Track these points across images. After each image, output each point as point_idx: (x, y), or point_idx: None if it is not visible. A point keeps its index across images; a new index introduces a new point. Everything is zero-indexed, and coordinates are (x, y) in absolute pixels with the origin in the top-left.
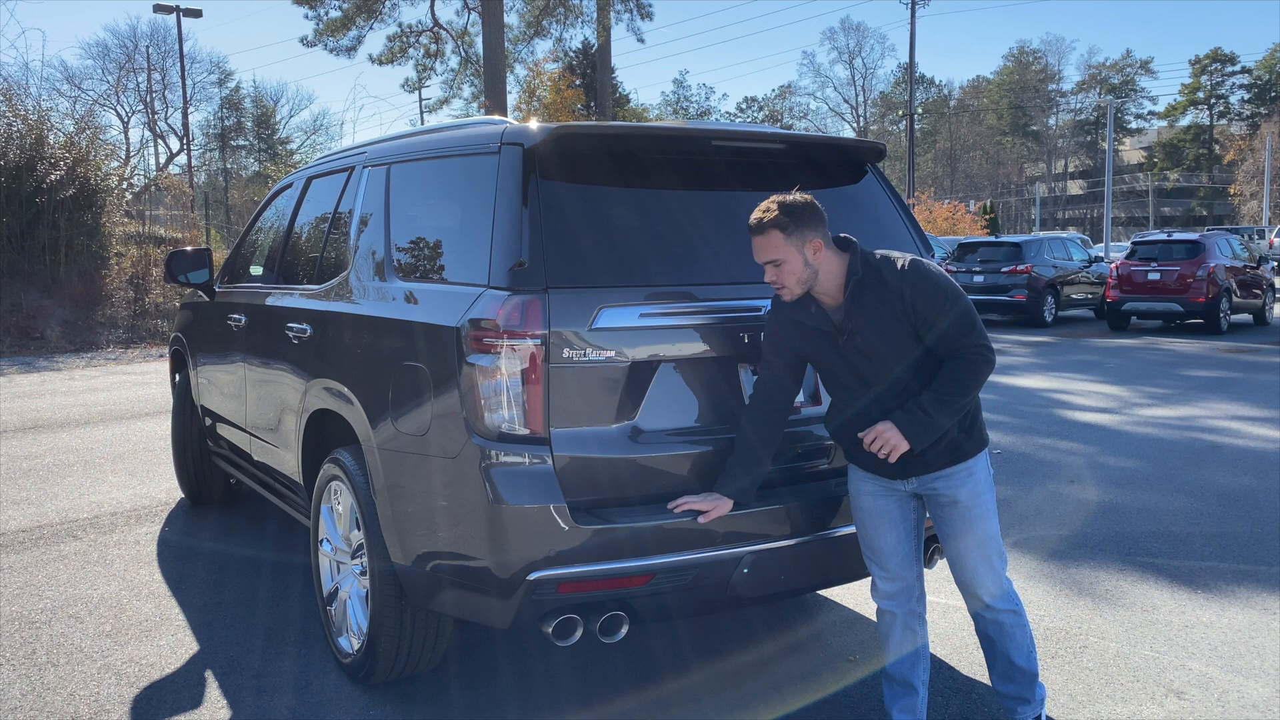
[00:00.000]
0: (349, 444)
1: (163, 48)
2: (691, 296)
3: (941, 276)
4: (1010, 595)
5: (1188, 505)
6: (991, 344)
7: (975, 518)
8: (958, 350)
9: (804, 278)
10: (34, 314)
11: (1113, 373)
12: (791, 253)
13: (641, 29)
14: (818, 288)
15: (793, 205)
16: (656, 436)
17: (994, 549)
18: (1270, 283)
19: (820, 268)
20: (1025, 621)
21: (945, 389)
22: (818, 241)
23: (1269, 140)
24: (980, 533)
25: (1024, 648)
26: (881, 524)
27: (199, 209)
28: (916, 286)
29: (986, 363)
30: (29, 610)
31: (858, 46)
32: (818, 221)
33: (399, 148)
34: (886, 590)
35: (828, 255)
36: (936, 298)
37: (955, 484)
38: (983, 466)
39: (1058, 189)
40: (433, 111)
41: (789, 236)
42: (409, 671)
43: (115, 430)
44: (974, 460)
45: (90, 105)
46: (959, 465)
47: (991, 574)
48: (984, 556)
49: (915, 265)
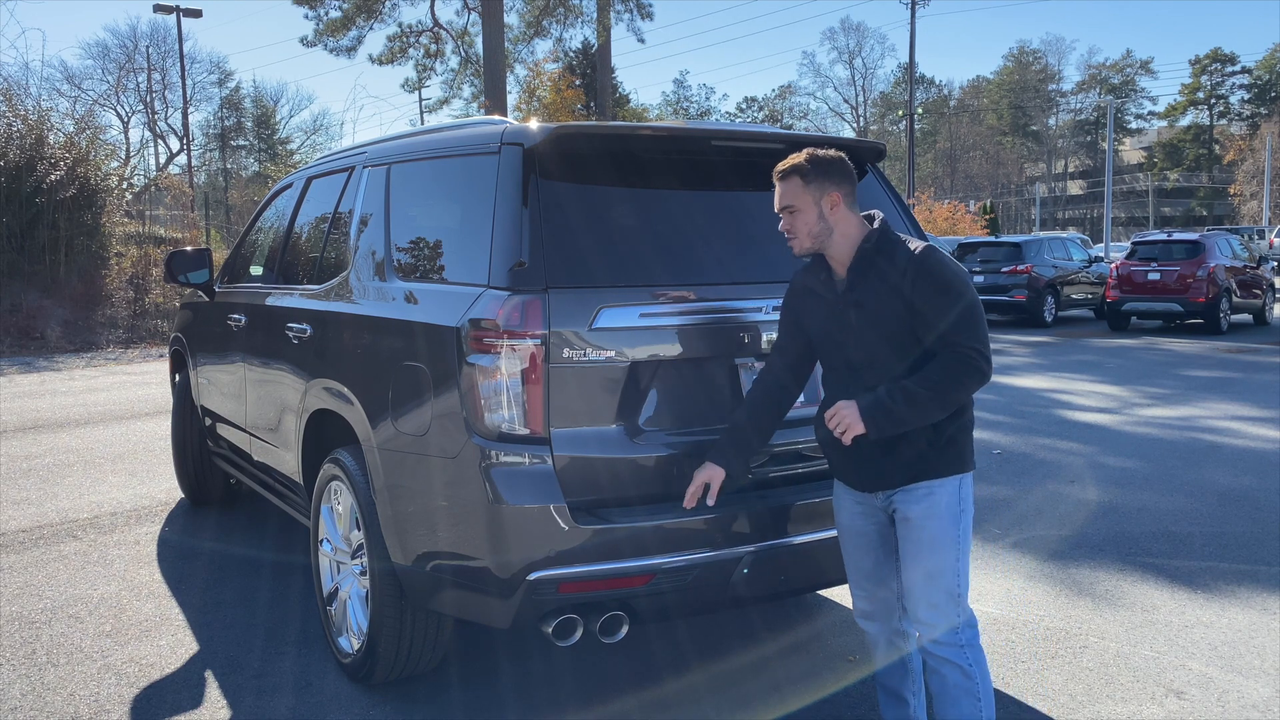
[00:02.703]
0: (349, 444)
1: (163, 48)
2: (691, 296)
3: (951, 270)
4: (959, 646)
5: (1188, 505)
6: (990, 355)
7: (924, 542)
8: (949, 346)
9: (815, 231)
10: (34, 314)
11: (1113, 373)
12: (807, 202)
13: (641, 29)
14: (831, 251)
15: (819, 155)
16: (656, 436)
17: (942, 587)
18: (1270, 283)
19: (836, 227)
20: (976, 689)
21: (919, 382)
22: (836, 196)
23: (1269, 140)
24: (929, 563)
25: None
26: (859, 544)
27: (199, 209)
28: (921, 272)
29: (975, 370)
30: (29, 610)
31: (858, 46)
32: (841, 178)
33: (399, 148)
34: (863, 609)
35: (846, 216)
36: (939, 288)
37: (909, 500)
38: (948, 492)
39: (1058, 189)
40: (433, 111)
41: (808, 185)
42: (409, 671)
43: (115, 430)
44: (938, 482)
45: (90, 105)
46: (918, 483)
47: (932, 610)
48: (927, 591)
49: (927, 252)
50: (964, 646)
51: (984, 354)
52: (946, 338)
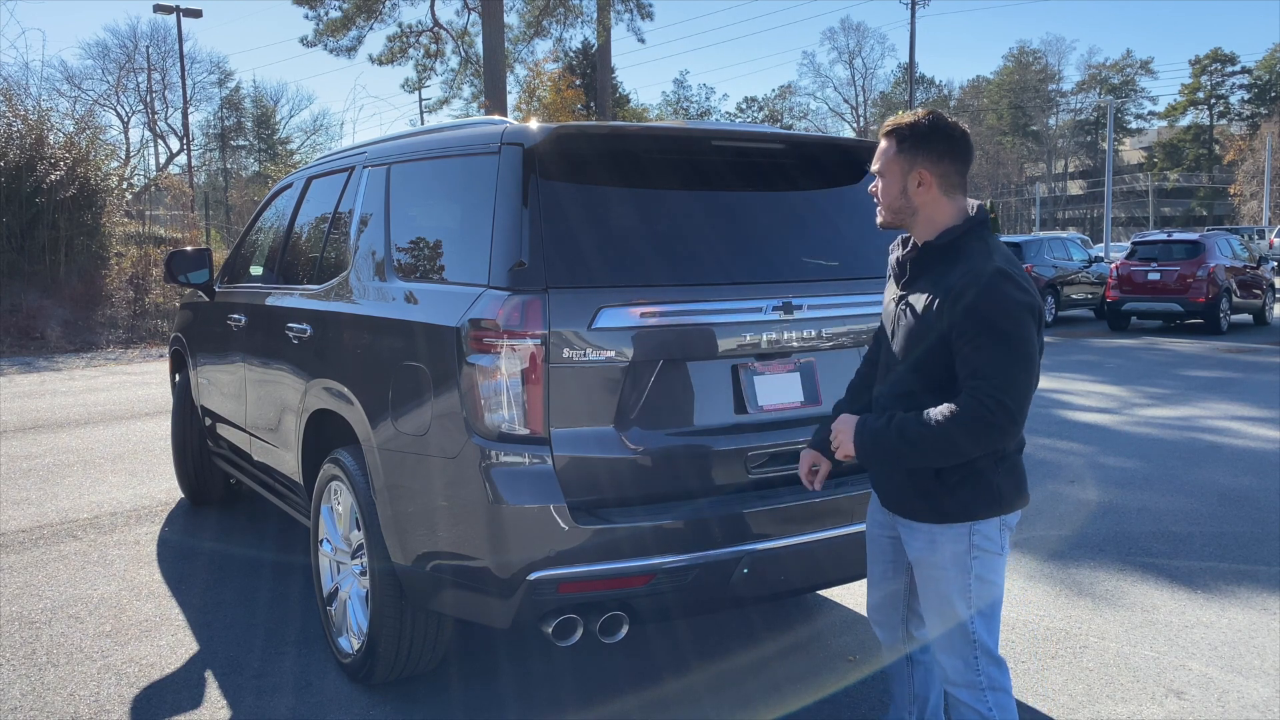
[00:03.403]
0: (349, 444)
1: (163, 48)
2: (691, 297)
3: (1005, 306)
4: (979, 690)
5: (1188, 505)
6: (1016, 414)
7: (931, 591)
8: (970, 389)
9: (895, 205)
10: (34, 314)
11: (1113, 373)
12: (894, 170)
13: (641, 29)
14: (914, 232)
15: (922, 127)
16: (657, 436)
17: (956, 633)
18: (1270, 283)
19: (920, 209)
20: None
21: (923, 421)
22: (925, 174)
23: (1269, 140)
24: (939, 611)
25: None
26: (873, 550)
27: (199, 209)
28: (968, 297)
29: (989, 424)
30: (29, 610)
31: (858, 46)
32: (939, 156)
33: (399, 148)
34: (872, 612)
35: (935, 199)
36: (980, 322)
37: (912, 542)
38: (952, 541)
39: (1058, 189)
40: (433, 111)
41: (900, 153)
42: (409, 671)
43: (115, 430)
44: (940, 528)
45: (90, 105)
46: (919, 524)
47: (949, 654)
48: (942, 631)
49: (980, 280)
50: (985, 690)
51: (1007, 408)
52: (971, 379)
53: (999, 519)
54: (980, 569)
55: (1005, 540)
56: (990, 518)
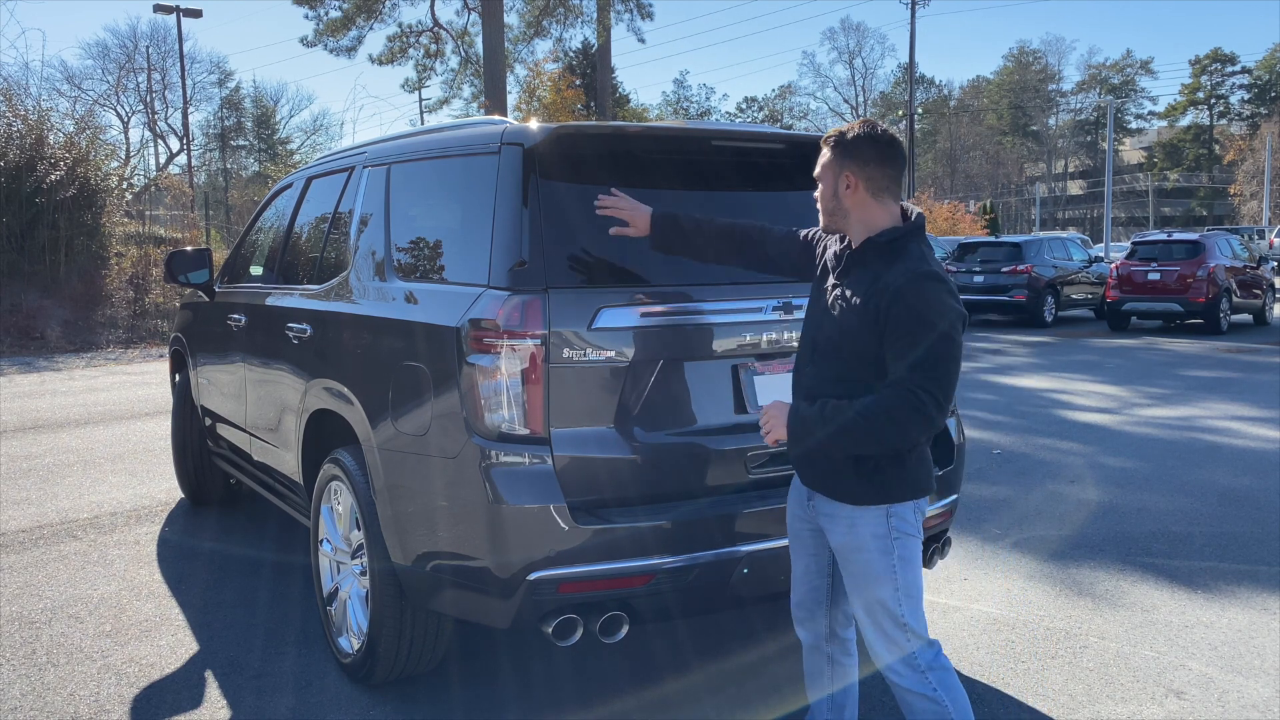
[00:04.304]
0: (349, 444)
1: (163, 48)
2: (691, 296)
3: (935, 305)
4: (919, 672)
5: (1188, 505)
6: (944, 404)
7: (857, 576)
8: (902, 381)
9: (829, 207)
10: (34, 314)
11: (1113, 373)
12: (827, 176)
13: (641, 29)
14: (849, 234)
15: (852, 135)
16: (657, 436)
17: (886, 618)
18: (1270, 283)
19: (851, 211)
20: (947, 713)
21: (856, 410)
22: (853, 179)
23: (1269, 140)
24: (865, 596)
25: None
26: (794, 545)
27: (199, 209)
28: (901, 295)
29: (920, 414)
30: (29, 610)
31: (858, 46)
32: (865, 161)
33: (399, 148)
34: (796, 614)
35: (864, 202)
36: (913, 318)
37: (833, 527)
38: (871, 523)
39: (1058, 189)
40: (433, 111)
41: (832, 159)
42: (409, 671)
43: (115, 430)
44: (859, 510)
45: (90, 105)
46: (840, 505)
47: (882, 640)
48: (871, 619)
49: (916, 281)
50: (925, 671)
51: (936, 400)
52: (904, 371)
53: (913, 503)
54: (902, 550)
55: (920, 524)
56: (905, 501)
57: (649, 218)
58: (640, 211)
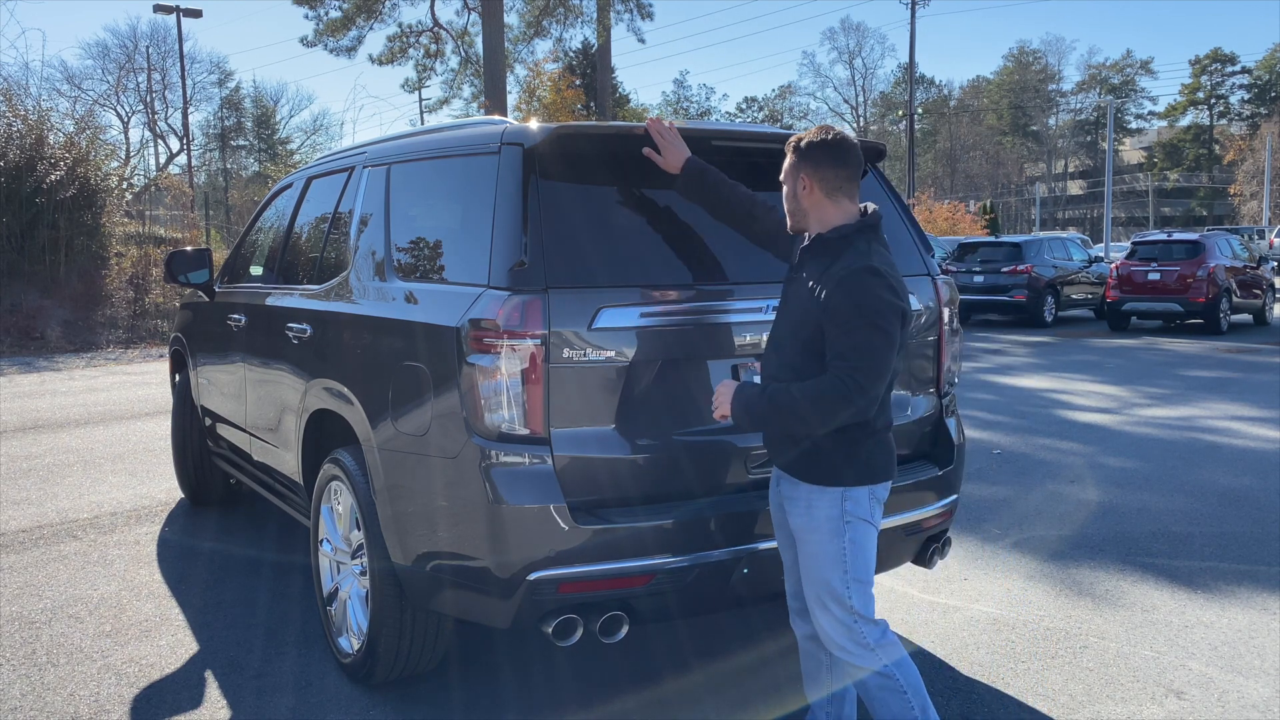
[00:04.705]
0: (349, 444)
1: (163, 48)
2: (691, 296)
3: (869, 297)
4: (866, 649)
5: (1188, 505)
6: (870, 393)
7: (808, 555)
8: (833, 367)
9: (791, 207)
10: (34, 314)
11: (1113, 373)
12: (789, 179)
13: (641, 29)
14: (811, 231)
15: (807, 141)
16: (657, 436)
17: (830, 597)
18: (1270, 283)
19: (810, 210)
20: (900, 685)
21: (793, 391)
22: (807, 181)
23: (1269, 140)
24: (813, 575)
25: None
26: (780, 537)
27: (199, 209)
28: (840, 287)
29: (843, 397)
30: (29, 610)
31: (858, 46)
32: (818, 164)
33: (399, 148)
34: (792, 605)
35: (820, 202)
36: (847, 309)
37: (794, 509)
38: (826, 505)
39: (1058, 189)
40: (433, 111)
41: (792, 164)
42: (409, 671)
43: (115, 430)
44: (816, 491)
45: (90, 105)
46: (798, 485)
47: (830, 621)
48: (819, 601)
49: (859, 272)
50: (873, 649)
51: (861, 386)
52: (835, 360)
53: (868, 489)
54: (854, 534)
55: (876, 512)
56: (858, 485)
57: (684, 160)
58: (680, 152)
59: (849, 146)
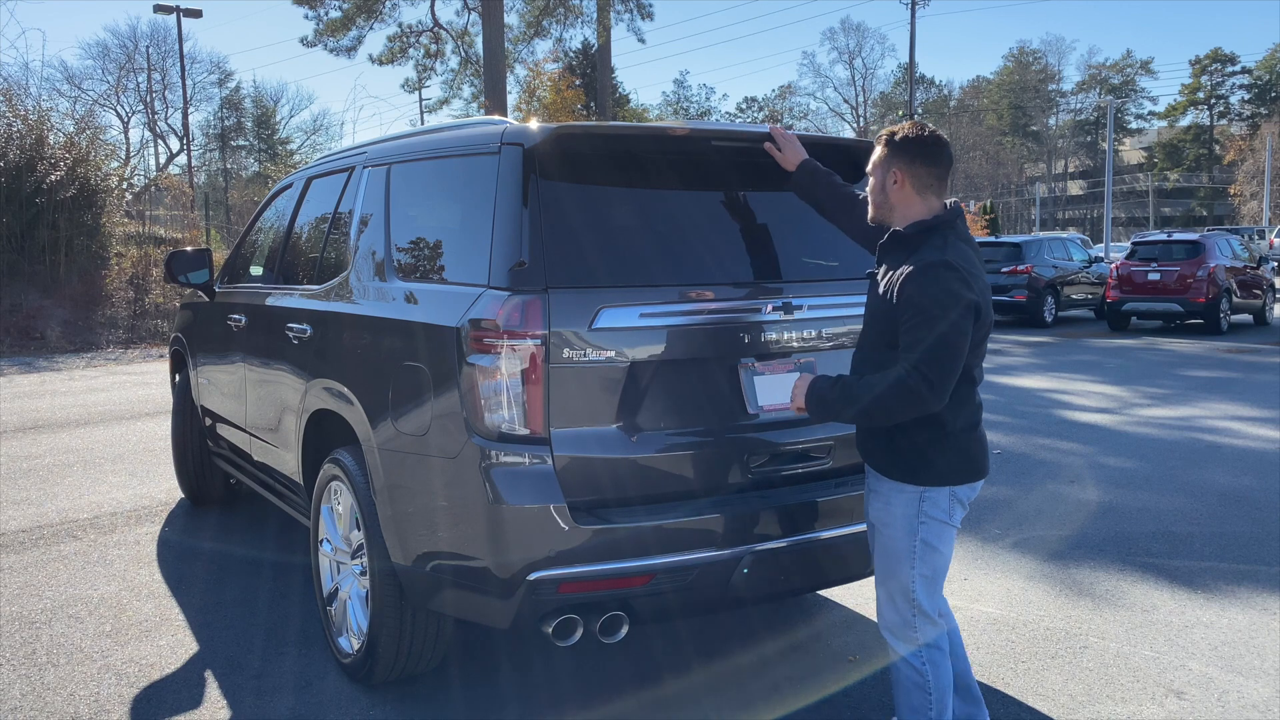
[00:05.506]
0: (349, 444)
1: (163, 48)
2: (691, 296)
3: (934, 294)
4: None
5: (1188, 505)
6: (938, 386)
7: (881, 546)
8: (903, 361)
9: (876, 200)
10: (34, 314)
11: (1112, 373)
12: (878, 171)
13: (642, 29)
14: (894, 225)
15: (903, 136)
16: (657, 436)
17: (897, 588)
18: (1270, 283)
19: (896, 205)
20: (927, 685)
21: (863, 384)
22: (900, 175)
23: (1269, 140)
24: (883, 566)
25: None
26: (866, 518)
27: (199, 209)
28: (908, 283)
29: (912, 392)
30: (29, 610)
31: (858, 47)
32: (910, 160)
33: (399, 148)
34: None
35: (908, 196)
36: (914, 307)
37: (874, 501)
38: (903, 504)
39: (1058, 189)
40: (433, 111)
41: (883, 156)
42: (409, 671)
43: (115, 430)
44: (895, 488)
45: (90, 105)
46: (881, 480)
47: (888, 604)
48: (886, 590)
49: (928, 267)
50: (918, 643)
51: (929, 380)
52: (905, 352)
53: (949, 490)
54: (927, 534)
55: (956, 512)
56: (935, 486)
57: (800, 161)
58: (797, 153)
59: (943, 145)
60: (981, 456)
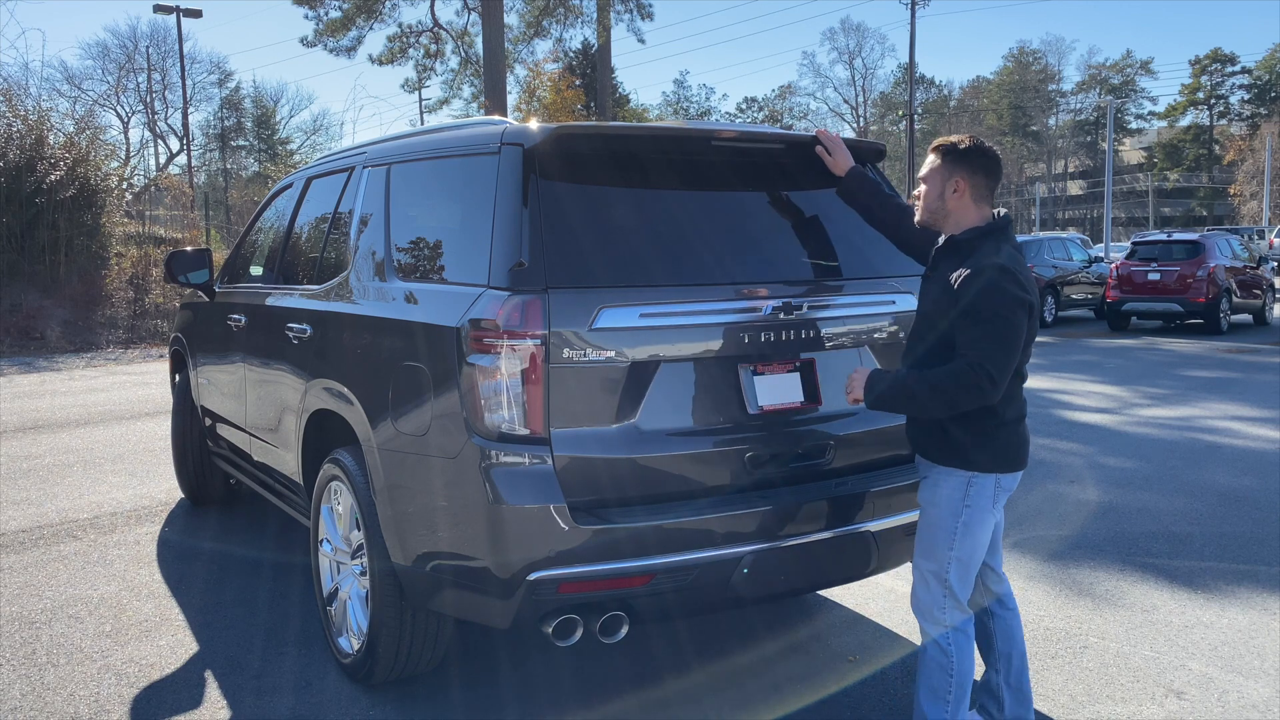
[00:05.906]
0: (349, 444)
1: (163, 48)
2: (691, 297)
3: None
4: (942, 625)
5: (1188, 505)
6: (997, 379)
7: (925, 524)
8: (963, 356)
9: (932, 207)
10: (34, 314)
11: (1113, 373)
12: (935, 180)
13: (642, 29)
14: (945, 231)
15: (966, 147)
16: (657, 436)
17: (932, 568)
18: (1270, 283)
19: (952, 212)
20: (950, 666)
21: (922, 378)
22: (961, 183)
23: (1269, 140)
24: (924, 542)
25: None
26: None
27: (199, 209)
28: (970, 284)
29: (973, 385)
30: (29, 610)
31: (858, 47)
32: (973, 170)
33: (399, 148)
34: None
35: (966, 205)
36: (970, 311)
37: (924, 484)
38: (953, 485)
39: (1058, 189)
40: (433, 112)
41: (943, 165)
42: (409, 671)
43: (115, 430)
44: (945, 473)
45: (90, 105)
46: (931, 465)
47: (921, 584)
48: (920, 571)
49: (985, 270)
50: (949, 628)
51: (990, 375)
52: (964, 349)
53: (994, 478)
54: (969, 518)
55: (999, 500)
56: (984, 472)
57: (849, 167)
58: (846, 159)
59: (999, 159)
60: (1024, 448)
